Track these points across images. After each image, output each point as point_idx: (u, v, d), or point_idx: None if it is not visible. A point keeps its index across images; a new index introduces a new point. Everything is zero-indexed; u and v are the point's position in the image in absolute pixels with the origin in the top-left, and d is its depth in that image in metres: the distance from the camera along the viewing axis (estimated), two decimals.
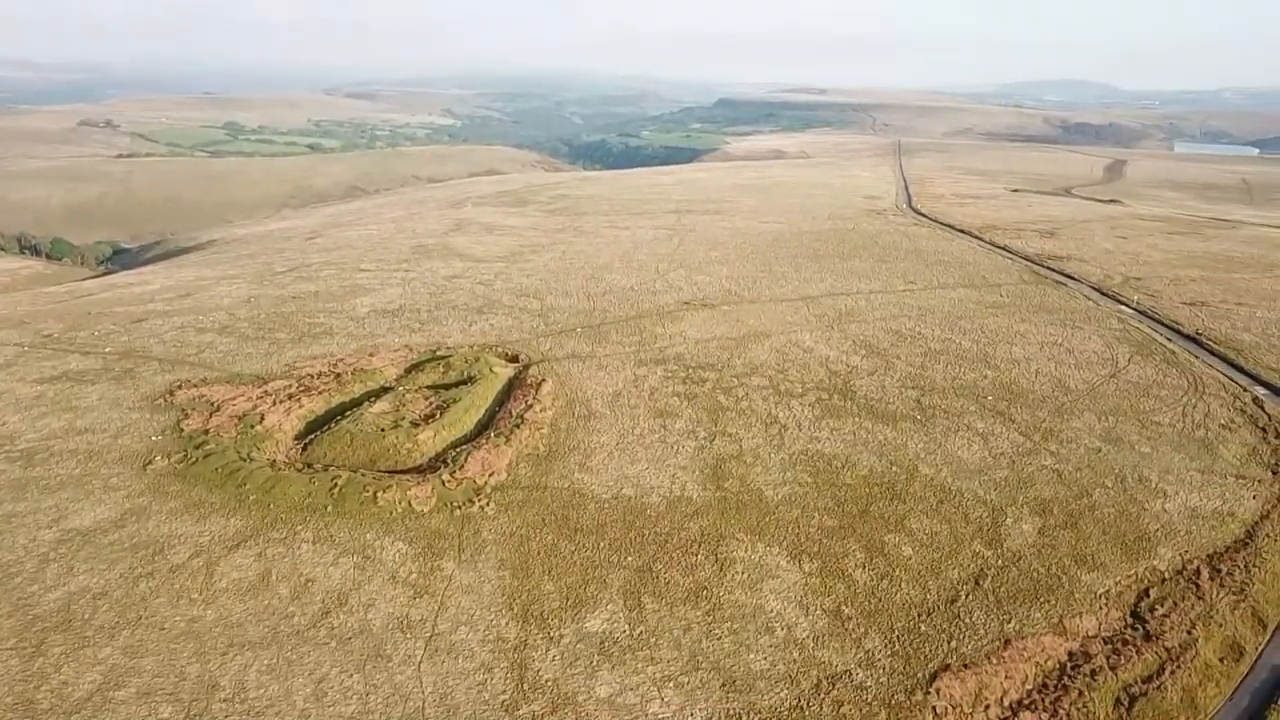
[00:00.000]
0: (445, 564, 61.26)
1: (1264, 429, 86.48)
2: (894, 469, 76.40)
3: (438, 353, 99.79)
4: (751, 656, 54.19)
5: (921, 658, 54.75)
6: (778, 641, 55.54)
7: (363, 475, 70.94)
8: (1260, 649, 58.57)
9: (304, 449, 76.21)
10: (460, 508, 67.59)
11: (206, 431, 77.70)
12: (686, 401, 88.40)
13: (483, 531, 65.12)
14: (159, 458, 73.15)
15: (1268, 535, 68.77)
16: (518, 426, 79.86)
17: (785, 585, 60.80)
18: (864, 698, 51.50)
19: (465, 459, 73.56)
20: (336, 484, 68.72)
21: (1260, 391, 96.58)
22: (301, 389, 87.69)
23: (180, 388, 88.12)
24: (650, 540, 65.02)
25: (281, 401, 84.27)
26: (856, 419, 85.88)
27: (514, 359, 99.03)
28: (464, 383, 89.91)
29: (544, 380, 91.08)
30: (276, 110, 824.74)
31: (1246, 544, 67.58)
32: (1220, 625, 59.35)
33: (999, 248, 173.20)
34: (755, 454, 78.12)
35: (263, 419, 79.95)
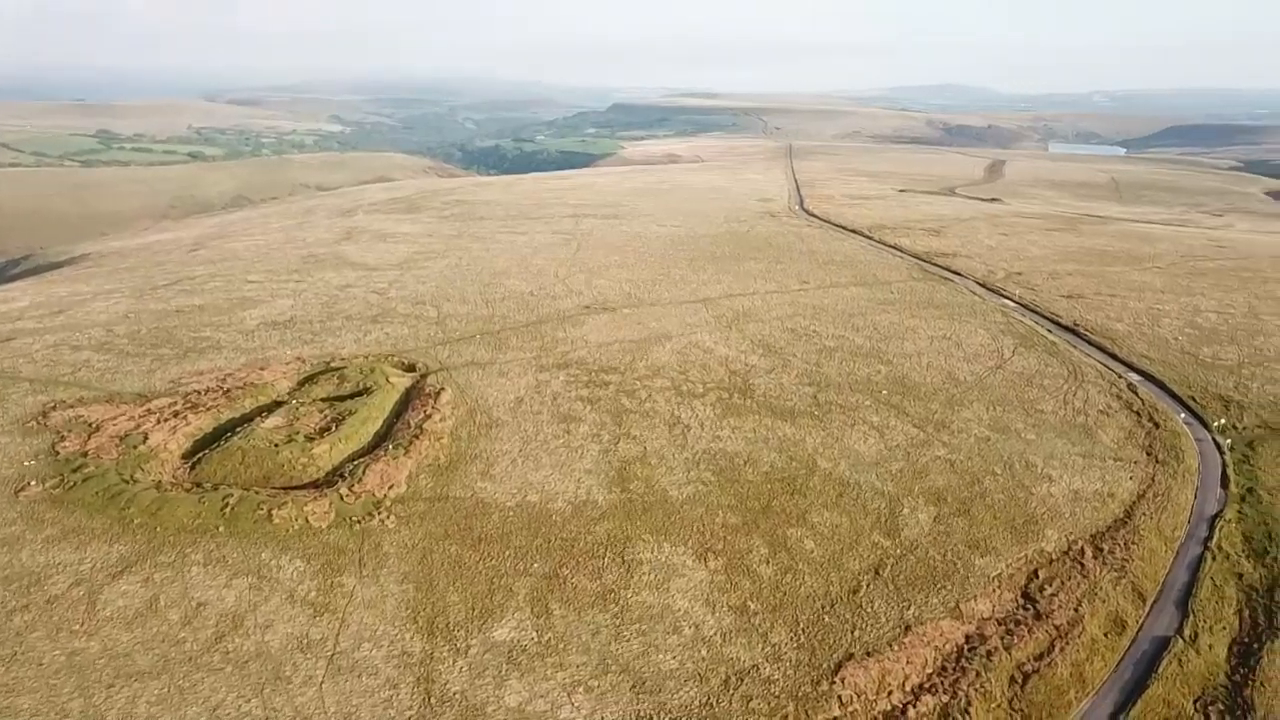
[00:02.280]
0: (346, 580, 59.67)
1: (1138, 413, 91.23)
2: (794, 464, 77.80)
3: (332, 364, 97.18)
4: (660, 657, 54.38)
5: (826, 648, 55.85)
6: (686, 640, 55.88)
7: (256, 493, 68.56)
8: (1141, 622, 61.75)
9: (192, 468, 73.18)
10: (360, 522, 65.95)
11: (85, 454, 73.82)
12: (589, 405, 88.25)
13: (384, 545, 63.68)
14: (32, 483, 69.16)
15: (1144, 514, 72.57)
16: (417, 437, 78.41)
17: (692, 584, 61.24)
18: (772, 691, 52.22)
19: (363, 472, 71.84)
20: (228, 503, 66.22)
21: (1134, 378, 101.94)
22: (188, 406, 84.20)
23: (54, 409, 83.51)
24: (556, 546, 64.65)
25: (166, 420, 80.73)
26: (757, 416, 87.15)
27: (411, 368, 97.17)
28: (360, 394, 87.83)
29: (443, 389, 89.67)
30: (154, 117, 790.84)
31: (1125, 523, 71.18)
32: (1104, 601, 62.28)
33: (888, 246, 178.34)
34: (659, 455, 78.50)
35: (146, 439, 76.48)
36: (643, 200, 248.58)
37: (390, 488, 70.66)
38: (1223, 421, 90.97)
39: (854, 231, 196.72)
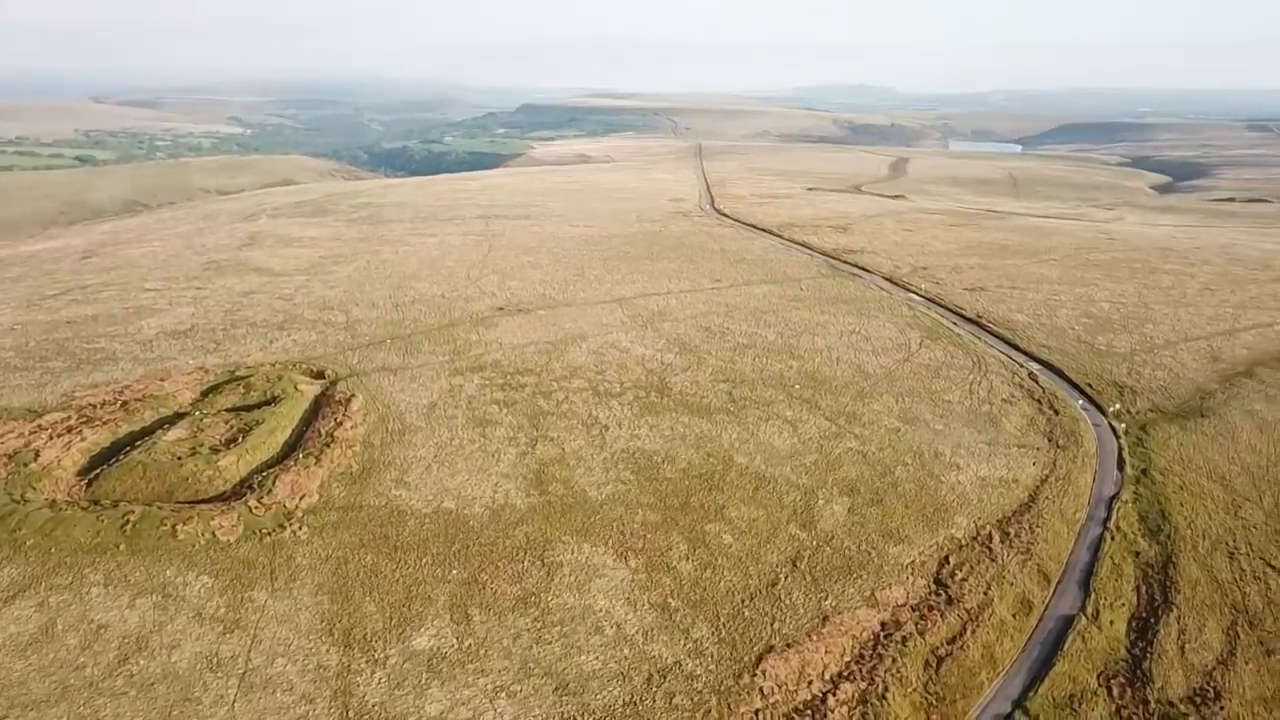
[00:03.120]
0: (257, 595, 57.90)
1: (1039, 401, 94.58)
2: (711, 460, 78.42)
3: (237, 373, 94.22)
4: (583, 658, 54.19)
5: (747, 642, 56.41)
6: (608, 640, 55.80)
7: (159, 508, 65.97)
8: (1046, 602, 64.00)
9: (89, 485, 70.04)
10: (270, 534, 64.05)
11: None
12: (506, 408, 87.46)
13: (296, 557, 61.99)
14: None
15: (1047, 498, 75.26)
16: (328, 445, 76.57)
17: (613, 584, 61.19)
18: (695, 687, 52.50)
19: (273, 483, 69.82)
20: (129, 520, 63.58)
21: (1034, 367, 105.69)
22: (82, 420, 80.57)
23: None
24: (475, 551, 63.89)
25: (59, 435, 77.10)
26: (674, 414, 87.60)
27: (320, 375, 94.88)
28: (267, 403, 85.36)
29: (354, 396, 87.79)
30: (39, 120, 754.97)
31: (1030, 507, 73.69)
32: (1012, 584, 64.36)
33: (798, 244, 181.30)
34: (577, 456, 78.25)
35: (37, 456, 72.87)
36: (555, 200, 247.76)
37: (302, 498, 68.85)
38: (1117, 407, 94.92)
39: (764, 230, 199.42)
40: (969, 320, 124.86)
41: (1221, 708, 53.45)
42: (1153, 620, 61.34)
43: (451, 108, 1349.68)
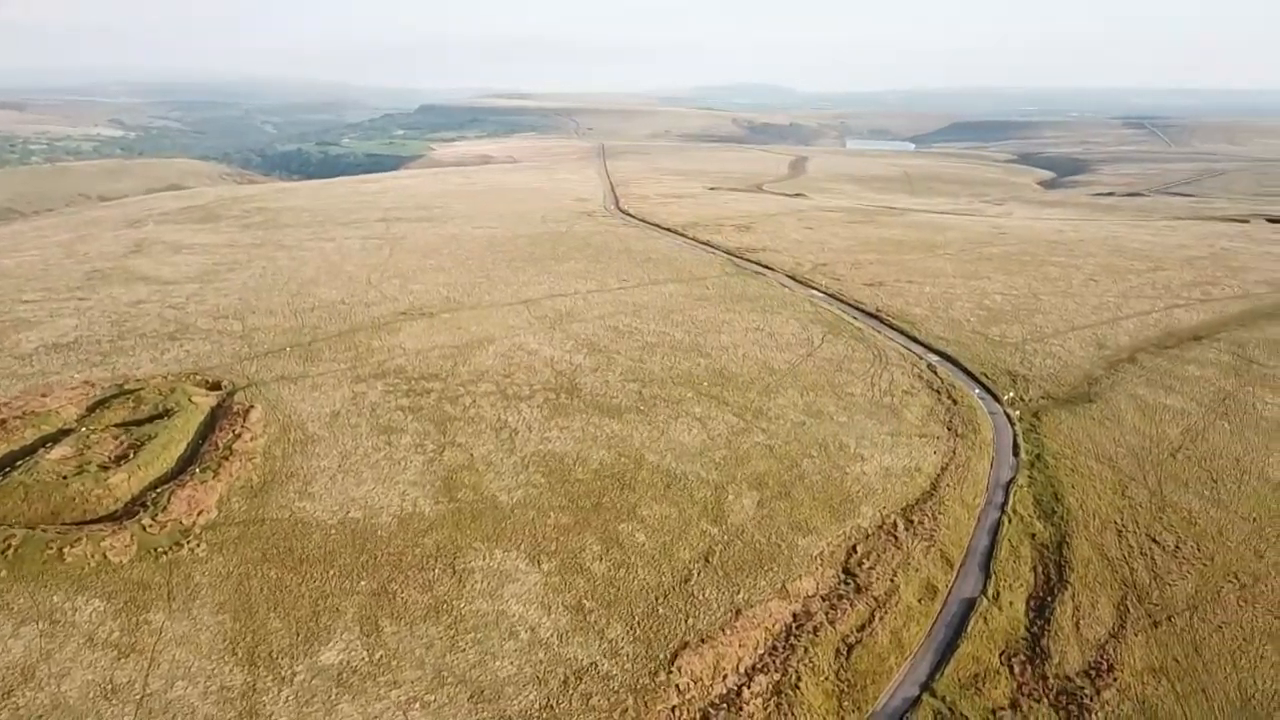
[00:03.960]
0: (154, 617, 55.50)
1: (938, 391, 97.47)
2: (622, 460, 78.47)
3: (125, 387, 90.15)
4: (498, 664, 53.58)
5: (662, 639, 56.60)
6: (523, 645, 55.30)
7: (44, 531, 62.62)
8: (950, 586, 65.98)
9: None
10: (167, 553, 61.48)
11: None
12: (411, 415, 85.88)
13: (195, 576, 59.67)
14: None
15: (948, 485, 77.60)
16: (226, 458, 73.91)
17: (526, 588, 60.67)
18: (611, 686, 52.43)
19: (168, 499, 67.01)
20: (10, 544, 60.13)
21: (933, 359, 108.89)
22: None
23: None
24: (384, 561, 62.52)
25: None
26: (584, 415, 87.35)
27: (216, 386, 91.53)
28: (159, 417, 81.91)
29: (252, 406, 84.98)
30: None
31: (932, 494, 75.87)
32: (917, 570, 66.14)
33: (702, 243, 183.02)
34: (487, 461, 77.33)
35: None
36: (457, 202, 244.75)
37: (199, 514, 66.29)
38: (1011, 394, 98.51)
39: (669, 229, 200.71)
40: (869, 315, 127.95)
41: (1114, 679, 55.88)
42: (1049, 599, 63.78)
43: (348, 109, 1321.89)
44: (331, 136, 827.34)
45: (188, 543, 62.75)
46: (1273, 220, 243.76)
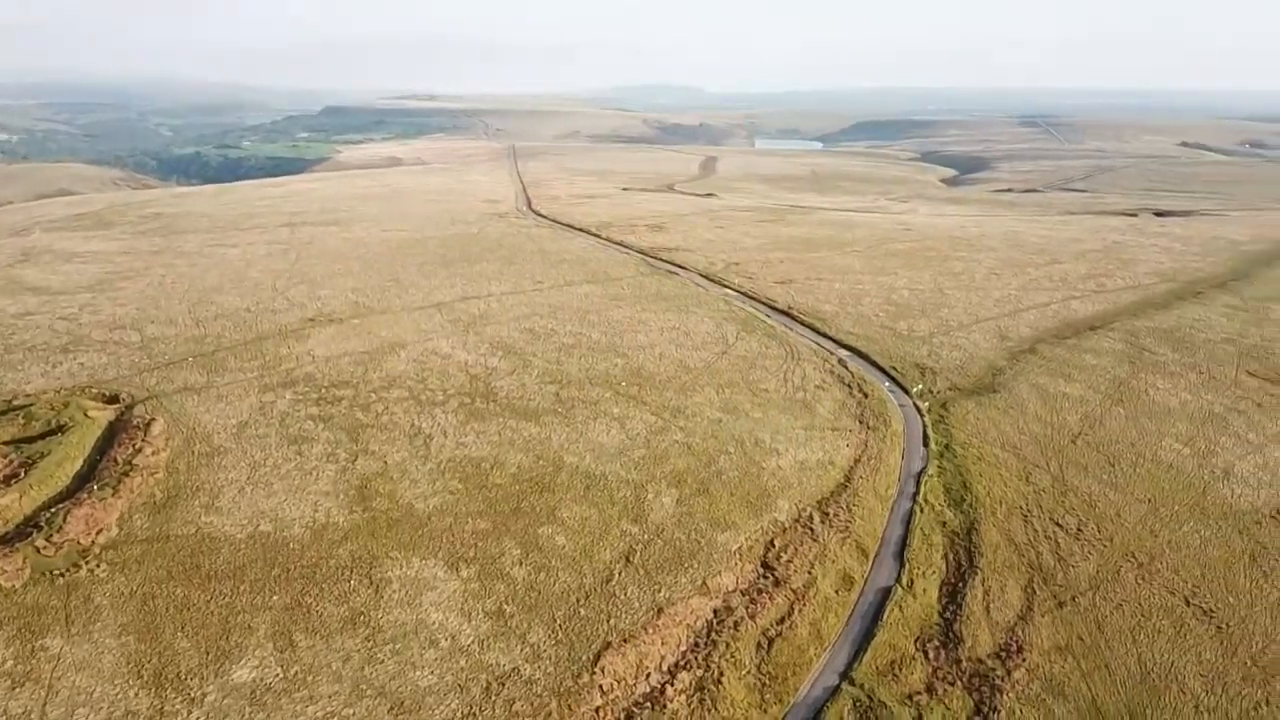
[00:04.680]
0: (51, 642, 52.96)
1: (849, 385, 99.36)
2: (541, 463, 77.95)
3: (15, 402, 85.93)
4: (418, 673, 52.64)
5: (584, 641, 56.38)
6: (443, 653, 54.46)
7: None
8: (866, 576, 67.30)
9: None
10: (64, 575, 58.78)
11: None
12: (322, 423, 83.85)
13: (96, 597, 57.15)
14: None
15: (861, 477, 79.16)
16: (126, 474, 71.04)
17: (445, 595, 59.77)
18: (534, 691, 52.02)
19: (64, 519, 64.08)
20: None
21: (843, 354, 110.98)
22: None
23: None
24: (297, 574, 60.86)
25: None
26: (501, 419, 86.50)
27: (114, 399, 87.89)
28: (52, 433, 78.28)
29: (153, 419, 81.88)
30: None
31: (846, 487, 77.28)
32: (833, 562, 67.28)
33: (616, 243, 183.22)
34: (402, 468, 75.97)
35: None
36: (365, 205, 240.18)
37: (99, 533, 63.55)
38: (920, 387, 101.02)
39: (582, 230, 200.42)
40: (781, 312, 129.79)
41: (1024, 659, 57.73)
42: (961, 585, 65.55)
43: (248, 111, 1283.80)
44: (231, 139, 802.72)
45: (86, 563, 60.12)
46: (1160, 214, 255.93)
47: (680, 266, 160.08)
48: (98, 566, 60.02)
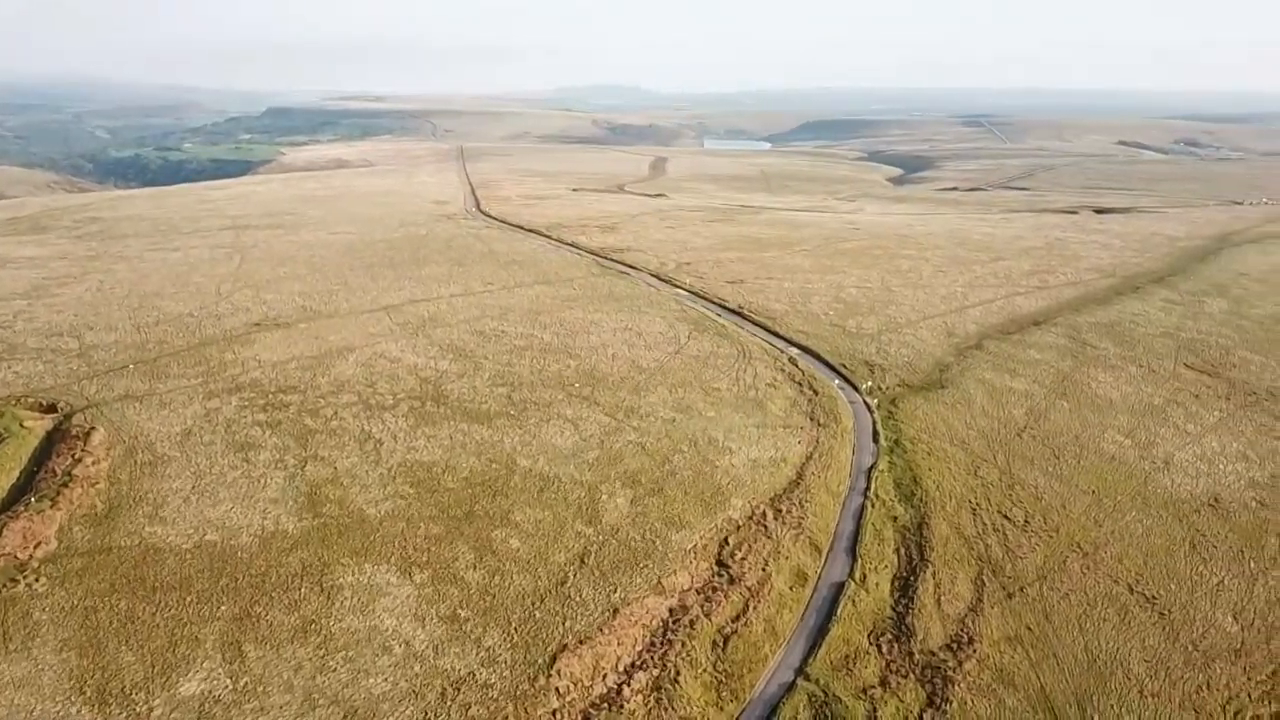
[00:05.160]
0: None
1: (800, 383, 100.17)
2: (494, 466, 77.43)
3: None
4: (371, 681, 51.97)
5: (540, 644, 56.10)
6: (397, 659, 53.83)
7: None
8: (819, 572, 67.84)
9: None
10: (1, 591, 57.06)
11: None
12: (270, 430, 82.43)
13: (34, 613, 55.56)
14: None
15: (813, 473, 79.80)
16: (66, 485, 69.19)
17: (398, 601, 59.09)
18: (490, 695, 51.64)
19: (0, 532, 62.22)
20: None
21: (794, 352, 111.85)
22: None
23: None
24: (245, 584, 59.74)
25: None
26: (452, 423, 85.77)
27: (52, 409, 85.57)
28: None
29: (93, 428, 79.88)
30: None
31: (798, 483, 77.86)
32: (787, 558, 67.73)
33: (567, 244, 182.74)
34: (352, 474, 74.96)
35: None
36: (311, 208, 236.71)
37: (37, 546, 61.82)
38: (869, 384, 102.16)
39: (532, 231, 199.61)
40: (732, 311, 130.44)
41: (974, 650, 58.62)
42: (912, 578, 66.39)
43: (188, 112, 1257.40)
44: (172, 142, 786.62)
45: (24, 578, 58.45)
46: (1099, 211, 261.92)
47: (632, 267, 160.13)
48: (36, 581, 58.38)
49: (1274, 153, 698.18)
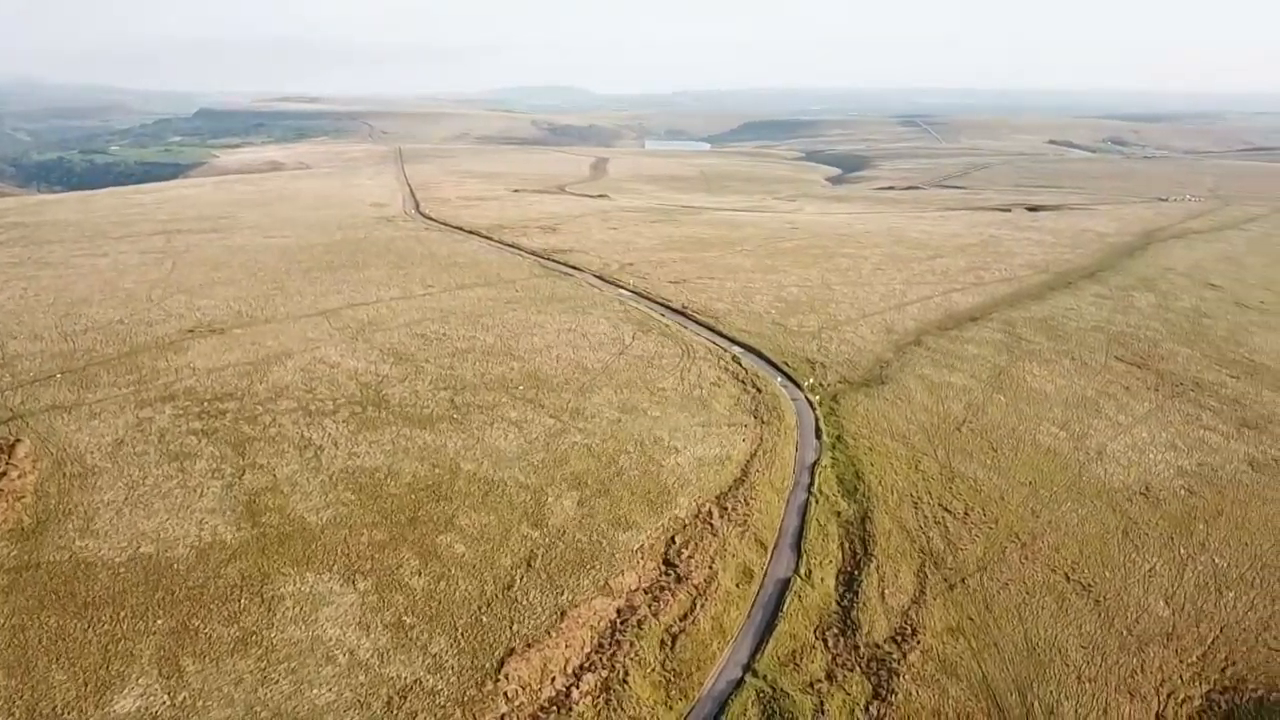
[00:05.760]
0: None
1: (743, 381, 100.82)
2: (437, 471, 76.58)
3: None
4: (315, 691, 51.01)
5: (487, 648, 55.62)
6: (341, 669, 52.92)
7: None
8: (765, 568, 68.32)
9: None
10: None
11: None
12: (205, 438, 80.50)
13: None
14: None
15: (758, 470, 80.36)
16: None
17: (341, 609, 58.11)
18: (437, 702, 51.04)
19: None
20: None
21: (737, 350, 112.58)
22: None
23: None
24: (183, 596, 58.25)
25: None
26: (394, 428, 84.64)
27: None
28: None
29: (18, 441, 77.24)
30: None
31: (743, 481, 78.32)
32: (733, 555, 68.08)
33: (508, 245, 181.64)
34: (292, 481, 73.54)
35: None
36: (246, 211, 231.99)
37: None
38: (811, 381, 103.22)
39: (473, 232, 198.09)
40: (675, 311, 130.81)
41: (918, 642, 59.55)
42: (857, 572, 67.21)
43: (115, 114, 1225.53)
44: (98, 144, 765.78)
45: None
46: (1032, 209, 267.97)
47: (574, 268, 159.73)
48: None
49: (1195, 151, 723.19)
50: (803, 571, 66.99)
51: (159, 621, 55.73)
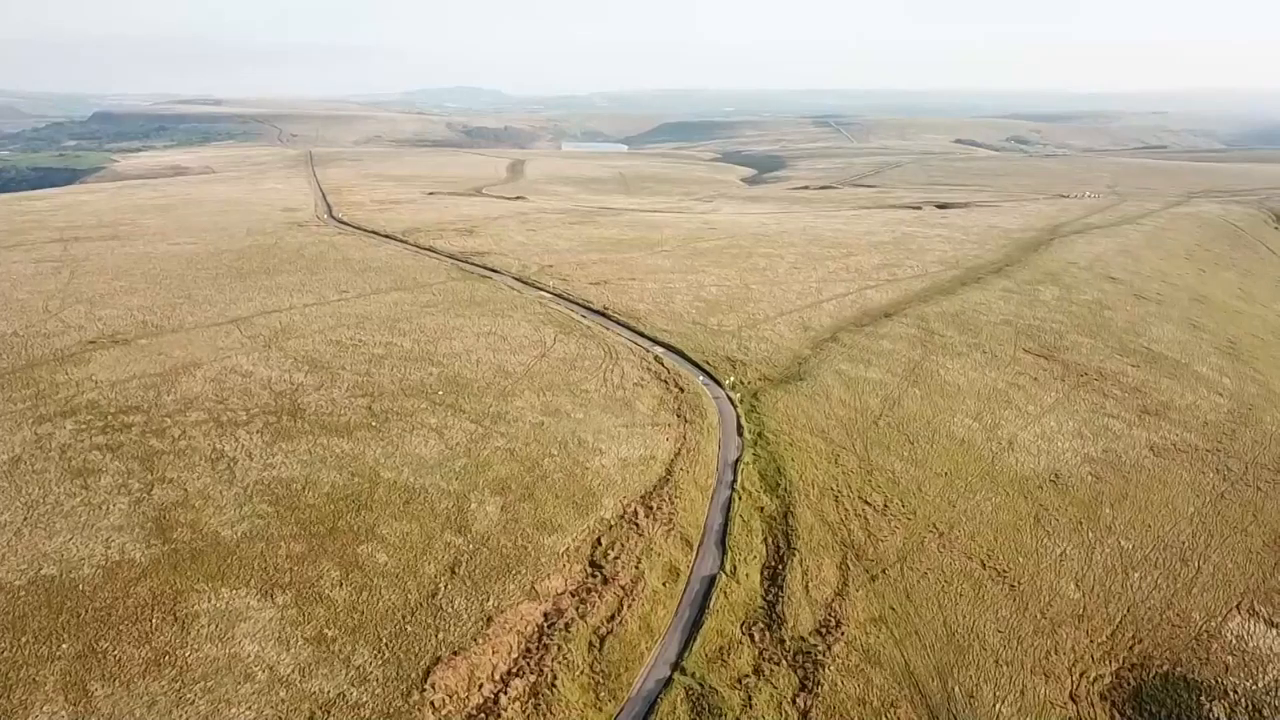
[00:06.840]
0: None
1: (666, 381, 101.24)
2: (356, 480, 75.02)
3: None
4: (234, 710, 49.52)
5: (413, 658, 54.75)
6: (261, 686, 51.46)
7: None
8: (691, 566, 68.77)
9: None
10: None
11: None
12: (110, 453, 77.41)
13: None
14: None
15: (681, 469, 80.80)
16: None
17: (260, 625, 56.50)
18: (362, 715, 50.07)
19: None
20: None
21: (659, 350, 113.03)
22: None
23: None
24: (89, 618, 55.90)
25: None
26: (311, 437, 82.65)
27: None
28: None
29: None
30: None
31: (667, 480, 78.67)
32: (660, 555, 68.32)
33: (424, 249, 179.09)
34: (204, 495, 71.20)
35: None
36: (149, 218, 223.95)
37: None
38: (732, 379, 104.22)
39: (388, 236, 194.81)
40: (597, 312, 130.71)
41: (842, 634, 60.66)
42: (781, 567, 68.11)
43: (4, 117, 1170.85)
44: None
45: None
46: (941, 206, 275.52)
47: (493, 270, 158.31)
48: None
49: (1093, 149, 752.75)
50: (728, 568, 67.59)
51: (64, 646, 53.39)
